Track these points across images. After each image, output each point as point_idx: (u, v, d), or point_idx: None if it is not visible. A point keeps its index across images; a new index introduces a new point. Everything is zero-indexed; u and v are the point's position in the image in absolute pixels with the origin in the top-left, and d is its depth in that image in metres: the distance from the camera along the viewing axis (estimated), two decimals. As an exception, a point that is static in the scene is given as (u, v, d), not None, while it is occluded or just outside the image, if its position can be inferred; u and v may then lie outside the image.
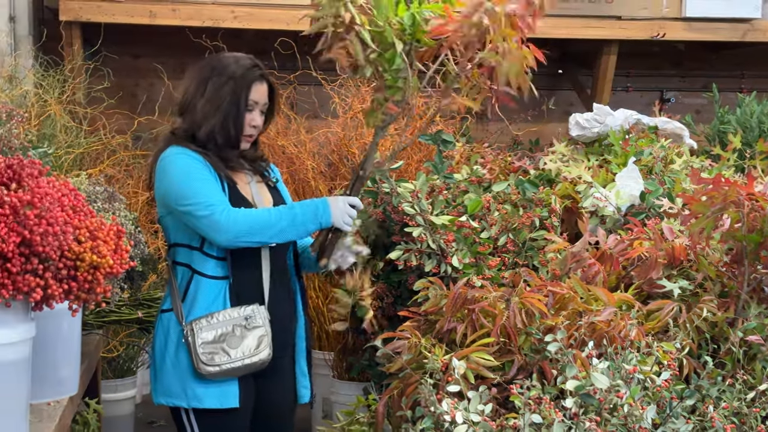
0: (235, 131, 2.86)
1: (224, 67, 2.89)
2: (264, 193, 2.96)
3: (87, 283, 1.96)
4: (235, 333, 2.77)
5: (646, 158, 3.66)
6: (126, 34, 5.25)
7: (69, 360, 2.63)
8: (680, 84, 6.18)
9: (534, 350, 2.69)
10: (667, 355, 2.49)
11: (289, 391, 3.00)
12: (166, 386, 2.81)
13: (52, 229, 1.87)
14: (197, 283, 2.80)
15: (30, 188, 1.90)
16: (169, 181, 2.79)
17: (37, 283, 1.87)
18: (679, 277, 2.93)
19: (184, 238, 2.82)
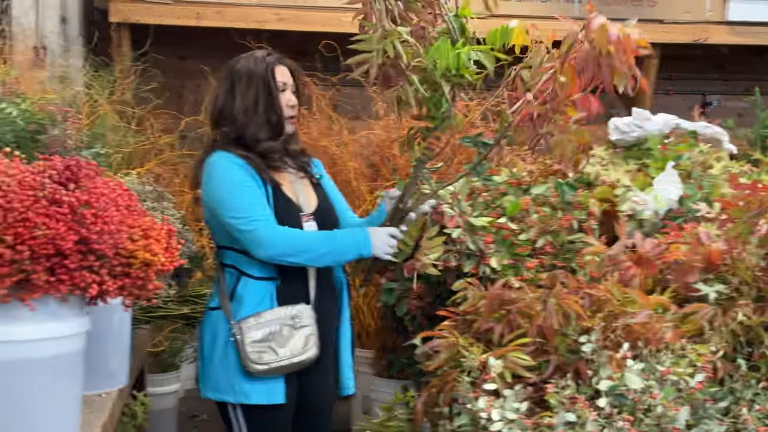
0: (276, 117, 2.95)
1: (243, 68, 2.99)
2: (309, 192, 3.04)
3: (139, 280, 2.04)
4: (283, 332, 2.85)
5: (685, 163, 3.69)
6: (173, 36, 5.35)
7: (119, 353, 2.73)
8: (722, 87, 6.18)
9: (570, 351, 2.74)
10: (701, 357, 2.53)
11: (330, 385, 3.07)
12: (214, 381, 2.90)
13: (108, 227, 1.96)
14: (245, 283, 2.88)
15: (87, 188, 1.99)
16: (214, 189, 2.87)
17: (93, 279, 1.95)
18: (716, 281, 2.96)
19: (230, 242, 2.90)
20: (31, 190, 1.92)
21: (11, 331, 1.92)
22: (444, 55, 2.70)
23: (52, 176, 1.98)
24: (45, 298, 1.94)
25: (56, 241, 1.90)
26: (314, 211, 3.01)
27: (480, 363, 2.53)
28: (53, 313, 1.97)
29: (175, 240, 2.14)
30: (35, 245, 1.89)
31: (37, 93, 3.24)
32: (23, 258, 1.87)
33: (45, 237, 1.89)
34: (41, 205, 1.91)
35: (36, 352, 1.95)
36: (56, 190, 1.95)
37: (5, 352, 1.92)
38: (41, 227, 1.89)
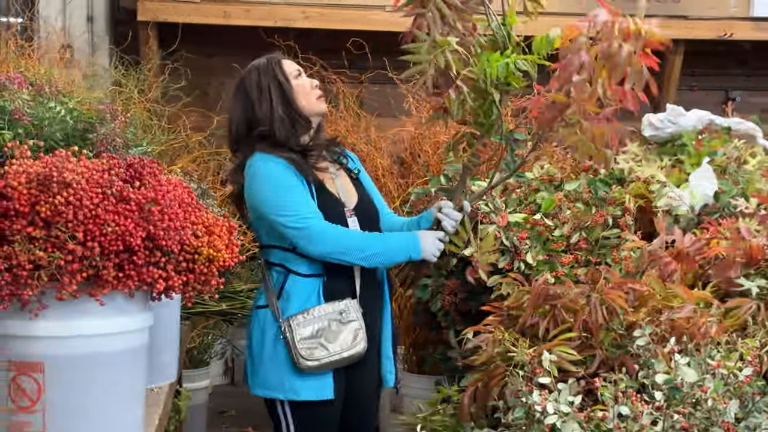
0: (296, 110, 2.98)
1: (249, 75, 3.03)
2: (349, 188, 3.07)
3: (203, 276, 2.07)
4: (331, 327, 2.88)
5: (720, 158, 3.72)
6: (199, 34, 5.38)
7: (170, 348, 2.77)
8: (745, 83, 6.19)
9: (615, 345, 2.76)
10: (750, 351, 2.56)
11: (375, 379, 3.10)
12: (263, 379, 2.93)
13: (174, 224, 1.99)
14: (293, 281, 2.91)
15: (152, 186, 2.02)
16: (260, 190, 2.89)
17: (159, 275, 1.99)
18: (757, 276, 2.99)
19: (277, 241, 2.92)
20: (99, 187, 1.95)
21: (81, 326, 1.95)
22: (494, 65, 2.72)
23: (118, 174, 2.01)
24: (113, 294, 1.98)
25: (125, 238, 1.93)
26: (355, 206, 3.04)
27: (531, 357, 2.55)
28: (121, 308, 2.00)
29: (235, 236, 2.17)
30: (105, 242, 1.92)
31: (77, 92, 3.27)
32: (93, 254, 1.91)
33: (114, 233, 1.92)
34: (110, 203, 1.94)
35: (105, 347, 1.99)
36: (123, 188, 1.98)
37: (75, 346, 1.95)
38: (110, 224, 1.92)
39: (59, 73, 3.32)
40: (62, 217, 1.89)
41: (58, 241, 1.90)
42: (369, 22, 5.17)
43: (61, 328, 1.95)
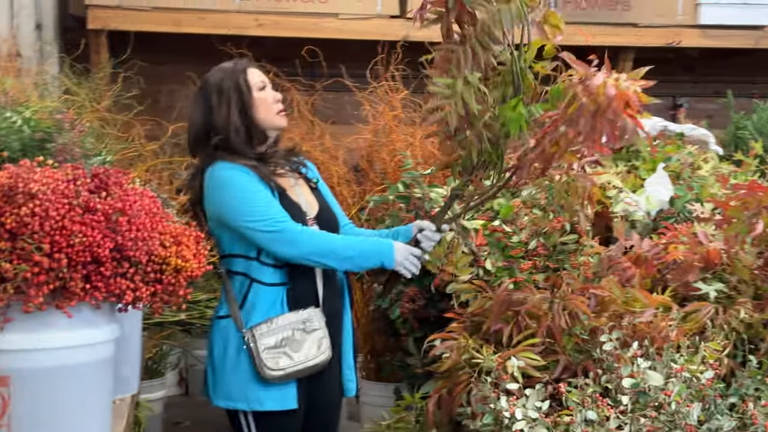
0: (256, 114, 2.96)
1: (212, 78, 3.02)
2: (309, 197, 3.06)
3: (171, 286, 2.06)
4: (296, 337, 2.86)
5: (674, 164, 3.77)
6: (150, 42, 5.33)
7: (131, 359, 2.74)
8: (692, 90, 6.29)
9: (577, 350, 2.79)
10: (713, 354, 2.59)
11: (336, 387, 3.09)
12: (226, 390, 2.90)
13: (142, 234, 1.97)
14: (256, 290, 2.89)
15: (119, 196, 2.00)
16: (225, 199, 2.86)
17: (127, 286, 1.97)
18: (714, 280, 3.04)
19: (241, 249, 2.90)
20: (65, 198, 1.93)
21: (47, 339, 1.93)
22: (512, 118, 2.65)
23: (84, 184, 1.99)
24: (79, 306, 1.96)
25: (93, 249, 1.91)
26: (317, 215, 3.03)
27: (499, 364, 2.56)
28: (87, 320, 1.98)
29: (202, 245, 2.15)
30: (72, 253, 1.90)
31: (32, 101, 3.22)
32: (61, 266, 1.88)
33: (82, 245, 1.90)
34: (76, 213, 1.92)
35: (71, 359, 1.97)
36: (90, 198, 1.96)
37: (42, 359, 1.93)
38: (78, 235, 1.89)
39: (12, 82, 3.26)
40: (28, 228, 1.87)
41: (24, 253, 1.87)
42: (322, 30, 5.16)
43: (26, 341, 1.92)
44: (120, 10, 5.09)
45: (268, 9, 5.17)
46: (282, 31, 5.21)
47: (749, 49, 5.62)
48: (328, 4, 5.17)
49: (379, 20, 5.17)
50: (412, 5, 5.13)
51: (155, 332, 4.28)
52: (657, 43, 5.44)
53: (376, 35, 5.08)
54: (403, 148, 4.31)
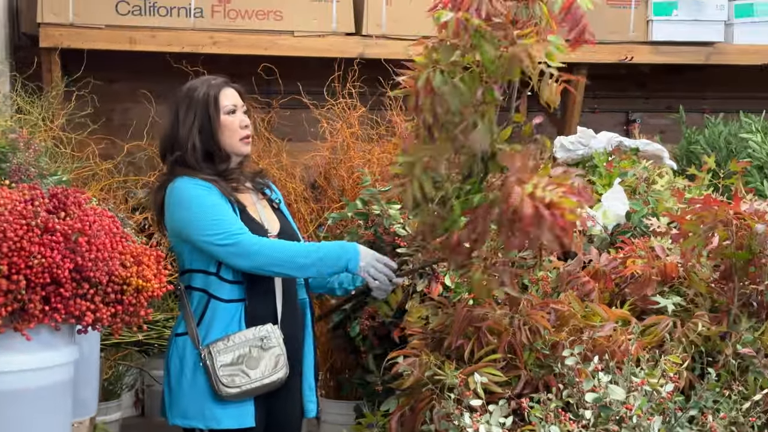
0: (220, 139, 2.96)
1: (187, 91, 3.01)
2: (270, 216, 3.05)
3: (131, 306, 2.03)
4: (252, 354, 2.85)
5: (630, 179, 3.81)
6: (103, 60, 5.28)
7: (90, 382, 2.71)
8: (644, 105, 6.36)
9: (538, 365, 2.80)
10: (673, 367, 2.62)
11: (297, 406, 3.07)
12: (183, 408, 2.88)
13: (102, 255, 1.95)
14: (214, 307, 2.87)
15: (77, 216, 1.97)
16: (184, 213, 2.85)
17: (87, 307, 1.94)
18: (672, 294, 3.06)
19: (200, 265, 2.88)
20: (23, 219, 1.90)
21: (6, 362, 1.90)
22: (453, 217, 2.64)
23: (42, 204, 1.96)
24: (38, 328, 1.93)
25: (52, 270, 1.88)
26: (278, 233, 3.02)
27: (461, 380, 2.56)
28: (46, 343, 1.96)
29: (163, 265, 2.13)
30: (31, 274, 1.87)
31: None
32: (19, 287, 1.86)
33: (41, 266, 1.87)
34: (35, 234, 1.89)
35: (31, 382, 1.94)
36: (48, 219, 1.93)
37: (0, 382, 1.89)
38: (37, 256, 1.87)
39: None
40: (-15, 250, 1.84)
41: (-19, 275, 1.84)
42: (278, 48, 5.15)
43: (-16, 365, 1.89)
44: (73, 28, 5.03)
45: (222, 26, 5.15)
46: (237, 49, 5.19)
47: (699, 65, 5.70)
48: (284, 22, 5.16)
49: (334, 37, 5.17)
50: (368, 23, 5.14)
51: (112, 353, 4.22)
52: (610, 59, 5.49)
53: (332, 52, 5.08)
54: (361, 165, 4.30)
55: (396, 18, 5.15)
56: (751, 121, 4.86)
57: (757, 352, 2.85)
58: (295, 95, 4.86)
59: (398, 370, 2.79)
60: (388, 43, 5.15)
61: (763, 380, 2.81)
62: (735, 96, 6.17)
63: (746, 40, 5.59)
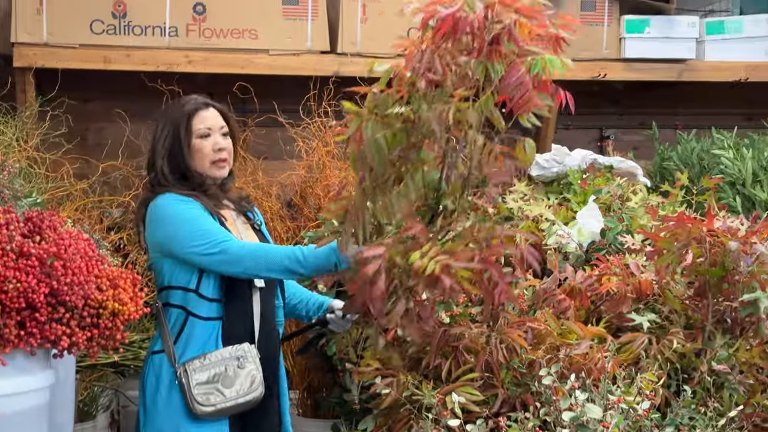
0: (190, 163, 2.96)
1: (166, 111, 3.03)
2: (250, 234, 3.05)
3: (107, 330, 2.02)
4: (228, 372, 2.84)
5: (604, 196, 3.83)
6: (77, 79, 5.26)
7: (65, 405, 2.68)
8: (618, 122, 6.39)
9: (515, 384, 2.81)
10: (649, 384, 2.63)
11: (273, 428, 3.06)
12: (158, 427, 2.86)
13: (77, 278, 1.94)
14: (192, 324, 2.87)
15: (53, 240, 1.96)
16: (167, 228, 2.85)
17: (63, 332, 1.93)
18: (647, 311, 3.09)
19: (181, 281, 2.88)
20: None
21: (-19, 388, 1.88)
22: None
23: (17, 228, 1.95)
24: (13, 353, 1.92)
25: (27, 294, 1.87)
26: None
27: (439, 399, 2.57)
28: (22, 367, 1.94)
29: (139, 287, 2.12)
30: (6, 299, 1.86)
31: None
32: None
33: (16, 290, 1.86)
34: (10, 259, 1.88)
35: (6, 408, 1.92)
36: (23, 243, 1.92)
37: (-25, 409, 1.88)
38: (12, 281, 1.86)
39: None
40: (-40, 275, 1.83)
41: (-44, 300, 1.83)
42: (254, 66, 5.14)
43: (-41, 391, 1.87)
44: (47, 47, 5.01)
45: (198, 45, 5.14)
46: (212, 68, 5.17)
47: (672, 82, 5.74)
48: (259, 40, 5.16)
49: (309, 56, 5.17)
50: (343, 41, 5.15)
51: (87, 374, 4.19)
52: (583, 76, 5.51)
53: (308, 71, 5.09)
54: (337, 184, 4.31)
55: (371, 36, 5.16)
56: (722, 137, 4.91)
57: (732, 369, 2.87)
58: (270, 114, 4.86)
59: (376, 390, 2.79)
60: (363, 61, 5.15)
61: (738, 396, 2.83)
62: (707, 112, 6.22)
63: (717, 57, 5.65)
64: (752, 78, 5.68)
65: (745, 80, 5.65)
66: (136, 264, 4.18)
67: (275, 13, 5.13)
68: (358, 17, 5.15)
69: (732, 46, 5.63)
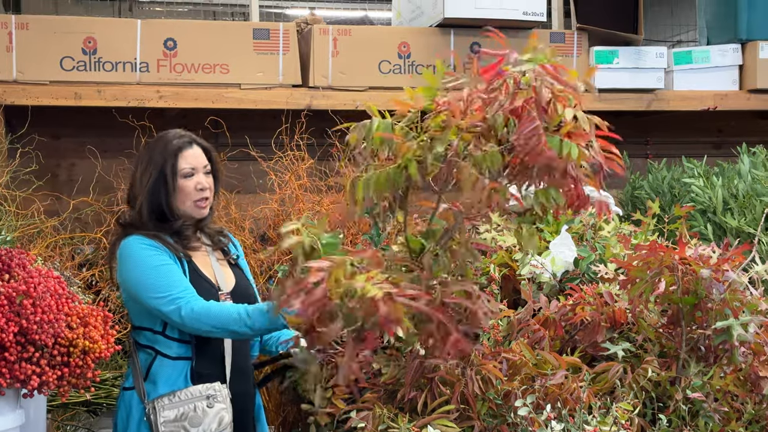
0: (172, 202, 2.93)
1: (149, 147, 3.01)
2: (226, 271, 3.03)
3: (78, 368, 2.00)
4: (197, 412, 2.81)
5: (577, 226, 3.84)
6: (48, 116, 5.25)
7: (37, 446, 2.64)
8: (589, 151, 6.43)
9: (491, 415, 2.80)
10: (625, 414, 2.63)
11: None
12: None
13: (48, 317, 1.92)
14: (160, 363, 2.85)
15: (22, 278, 1.94)
16: (130, 273, 2.83)
17: (33, 371, 1.91)
18: (621, 340, 3.08)
19: (147, 323, 2.86)
20: (-34, 282, 1.87)
21: (-51, 430, 1.85)
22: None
23: (-15, 267, 1.93)
24: (-18, 393, 1.88)
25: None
26: (232, 290, 3.00)
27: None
28: (-9, 408, 1.91)
29: (111, 325, 2.10)
30: (-26, 339, 1.83)
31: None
32: (-38, 353, 1.82)
33: (-15, 330, 1.84)
34: (-22, 298, 1.86)
35: (-25, 451, 1.89)
36: (-8, 281, 1.90)
37: (-57, 452, 1.85)
38: (-20, 320, 1.83)
39: None
40: (-72, 315, 1.80)
41: (-76, 341, 1.80)
42: (225, 101, 5.14)
43: (-74, 433, 1.84)
44: (17, 84, 4.99)
45: (168, 80, 5.14)
46: (184, 102, 5.17)
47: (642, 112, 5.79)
48: (230, 75, 5.16)
49: (281, 89, 5.17)
50: (314, 74, 5.16)
51: (59, 414, 4.14)
52: (555, 107, 5.55)
53: (279, 104, 5.10)
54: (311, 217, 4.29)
55: (342, 69, 5.17)
56: (693, 165, 4.94)
57: (707, 397, 2.87)
58: (242, 148, 4.86)
59: (351, 424, 2.77)
60: (335, 94, 5.17)
61: (714, 425, 2.83)
62: (677, 141, 6.27)
63: (686, 86, 5.71)
64: (721, 107, 5.74)
65: (713, 109, 5.70)
66: (108, 301, 4.15)
67: (246, 47, 5.14)
68: (329, 51, 5.16)
69: (700, 76, 5.69)
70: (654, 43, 5.80)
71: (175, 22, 5.49)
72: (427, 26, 5.36)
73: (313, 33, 5.17)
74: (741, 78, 5.80)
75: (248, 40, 5.16)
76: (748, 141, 5.21)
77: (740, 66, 5.77)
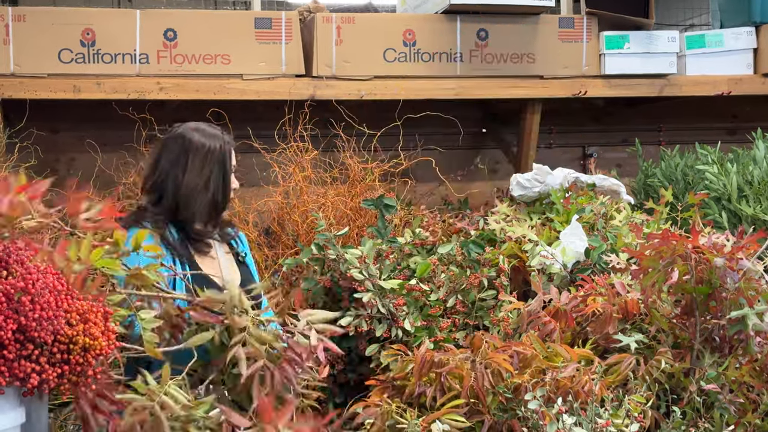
0: (223, 200, 2.96)
1: (201, 143, 2.96)
2: (233, 270, 2.99)
3: (78, 366, 1.94)
4: None
5: (588, 215, 3.78)
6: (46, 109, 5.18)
7: (36, 447, 2.58)
8: (600, 139, 6.34)
9: (502, 409, 2.74)
10: (638, 407, 2.57)
11: None
12: None
13: (46, 313, 1.86)
14: None
15: (20, 274, 1.89)
16: None
17: (32, 369, 1.86)
18: (634, 331, 3.03)
19: None
20: (-41, 279, 1.81)
21: (-57, 431, 1.80)
22: None
23: (-20, 263, 1.88)
24: (-20, 393, 1.83)
25: (-8, 332, 1.79)
26: None
27: (423, 429, 2.49)
28: (-10, 407, 1.86)
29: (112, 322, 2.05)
30: (-31, 337, 1.78)
31: None
32: (-44, 352, 1.76)
33: (-21, 328, 1.78)
34: (-27, 295, 1.80)
35: (-29, 452, 1.83)
36: (-12, 278, 1.84)
37: (-64, 454, 1.79)
38: (-26, 318, 1.78)
39: None
40: None
41: None
42: (227, 92, 5.06)
43: None
44: (15, 77, 4.91)
45: (169, 72, 5.05)
46: (185, 94, 5.09)
47: (654, 98, 5.70)
48: (232, 65, 5.08)
49: (284, 80, 5.09)
50: (318, 64, 5.09)
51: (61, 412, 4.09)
52: (563, 94, 5.46)
53: (282, 95, 5.02)
54: (315, 209, 4.24)
55: (346, 58, 5.10)
56: (706, 152, 4.86)
57: (722, 388, 2.81)
58: (245, 140, 4.79)
59: (360, 420, 2.72)
60: (339, 83, 5.09)
61: (729, 416, 2.77)
62: (690, 127, 6.18)
63: (699, 71, 5.61)
64: (735, 91, 5.64)
65: (727, 93, 5.62)
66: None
67: (248, 37, 5.06)
68: (333, 39, 5.09)
69: (713, 60, 5.60)
70: (665, 28, 5.70)
71: (175, 12, 5.40)
72: (432, 13, 5.28)
73: (316, 21, 5.09)
74: (755, 62, 5.68)
75: (250, 29, 5.07)
76: (763, 126, 5.11)
77: (755, 49, 5.66)
